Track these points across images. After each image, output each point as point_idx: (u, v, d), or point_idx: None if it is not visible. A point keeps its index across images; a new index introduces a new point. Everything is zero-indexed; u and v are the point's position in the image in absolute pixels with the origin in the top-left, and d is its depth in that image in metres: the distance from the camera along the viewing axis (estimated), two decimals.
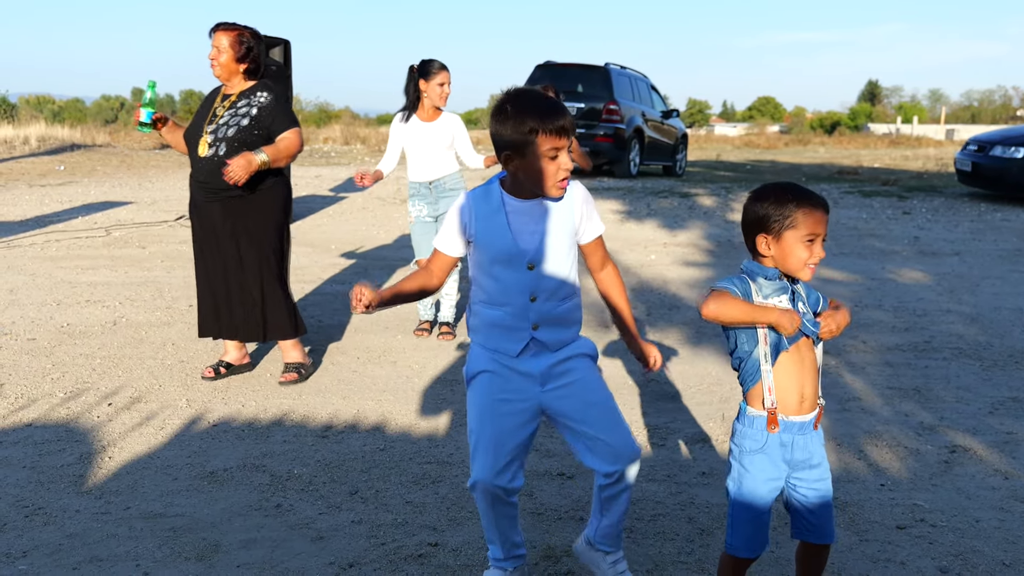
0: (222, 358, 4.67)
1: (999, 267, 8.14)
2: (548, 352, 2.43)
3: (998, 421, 4.07)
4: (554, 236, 2.39)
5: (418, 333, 5.53)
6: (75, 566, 2.71)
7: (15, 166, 16.02)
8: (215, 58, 4.29)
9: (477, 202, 2.41)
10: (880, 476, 3.46)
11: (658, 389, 4.53)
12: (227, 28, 4.29)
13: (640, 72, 17.82)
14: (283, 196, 4.49)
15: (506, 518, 2.50)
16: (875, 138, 41.24)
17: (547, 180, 2.30)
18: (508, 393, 2.42)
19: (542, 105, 2.28)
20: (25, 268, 7.30)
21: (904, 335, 5.61)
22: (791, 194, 2.19)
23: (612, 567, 2.60)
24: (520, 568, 2.61)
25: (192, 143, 4.37)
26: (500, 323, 2.41)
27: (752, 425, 2.24)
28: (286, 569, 2.71)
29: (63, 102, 75.08)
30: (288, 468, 3.47)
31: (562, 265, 2.40)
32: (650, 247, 9.12)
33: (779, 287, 2.21)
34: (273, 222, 4.44)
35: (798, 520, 2.30)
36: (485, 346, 2.46)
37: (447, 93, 5.37)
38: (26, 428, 3.85)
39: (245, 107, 4.31)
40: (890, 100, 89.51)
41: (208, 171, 4.29)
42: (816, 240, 2.17)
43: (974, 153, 13.58)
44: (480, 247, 2.41)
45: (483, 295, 2.44)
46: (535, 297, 2.38)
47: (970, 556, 2.83)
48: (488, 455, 2.40)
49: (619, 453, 2.46)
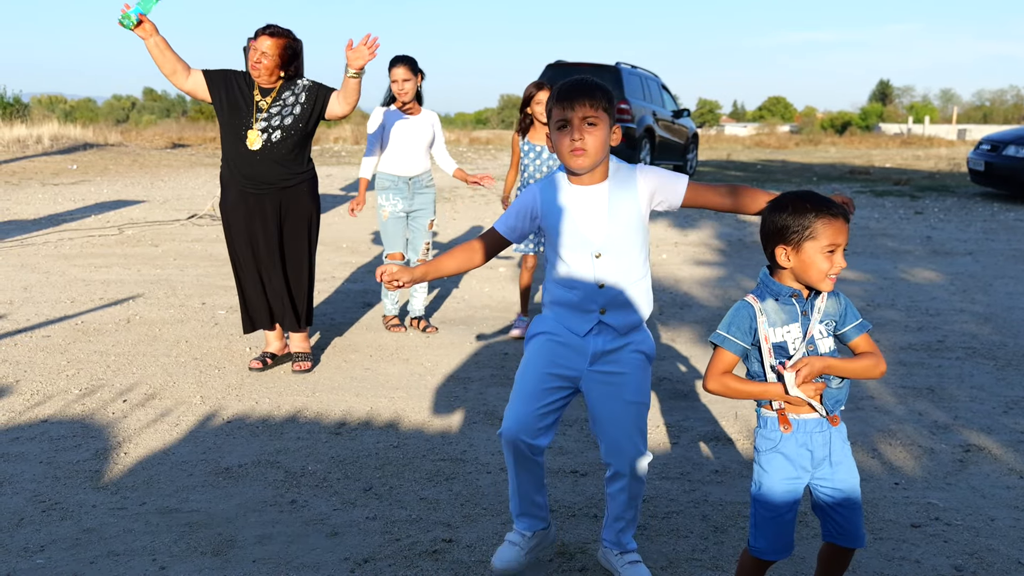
0: (265, 349, 4.79)
1: (1012, 267, 8.10)
2: (615, 333, 2.48)
3: (1012, 420, 4.06)
4: (621, 224, 2.43)
5: (394, 329, 5.53)
6: (92, 560, 2.73)
7: (28, 165, 16.11)
8: (259, 62, 4.34)
9: (545, 188, 2.48)
10: (894, 475, 3.45)
11: (671, 387, 4.52)
12: (275, 34, 4.35)
13: (651, 71, 17.79)
14: (316, 186, 4.69)
15: (529, 475, 2.57)
16: (886, 138, 41.05)
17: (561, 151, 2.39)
18: (557, 357, 2.50)
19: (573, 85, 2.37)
20: (39, 266, 7.34)
21: (917, 334, 5.60)
22: (810, 203, 2.13)
23: (619, 558, 2.65)
24: (540, 534, 2.66)
25: (237, 137, 4.40)
26: (570, 303, 2.49)
27: (766, 425, 2.24)
28: (301, 564, 2.73)
29: (75, 102, 75.38)
30: (302, 464, 3.49)
31: (629, 251, 2.44)
32: (661, 246, 9.11)
33: (788, 315, 2.17)
34: (316, 210, 4.64)
35: (827, 521, 2.28)
36: (557, 320, 2.53)
37: (406, 90, 5.26)
38: (42, 424, 3.87)
39: (291, 96, 4.44)
40: (901, 100, 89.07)
41: (259, 163, 4.39)
42: (837, 250, 2.12)
43: (987, 152, 13.53)
44: (549, 232, 2.50)
45: (555, 275, 2.53)
46: (603, 284, 2.44)
47: (985, 555, 2.82)
48: (520, 407, 2.49)
49: (622, 451, 2.51)
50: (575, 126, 2.33)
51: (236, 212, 4.50)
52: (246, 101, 4.42)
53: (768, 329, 2.18)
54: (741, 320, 2.20)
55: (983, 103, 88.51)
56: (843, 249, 2.15)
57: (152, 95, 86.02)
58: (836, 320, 2.22)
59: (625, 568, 2.62)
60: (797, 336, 2.17)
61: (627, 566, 2.62)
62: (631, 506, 2.60)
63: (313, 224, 4.64)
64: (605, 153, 2.40)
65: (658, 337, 5.52)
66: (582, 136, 2.33)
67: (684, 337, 5.53)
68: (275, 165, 4.42)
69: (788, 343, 2.17)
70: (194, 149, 21.76)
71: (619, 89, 15.87)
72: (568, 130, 2.35)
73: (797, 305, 2.18)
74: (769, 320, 2.18)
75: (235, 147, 4.42)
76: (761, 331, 2.18)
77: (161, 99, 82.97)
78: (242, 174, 4.44)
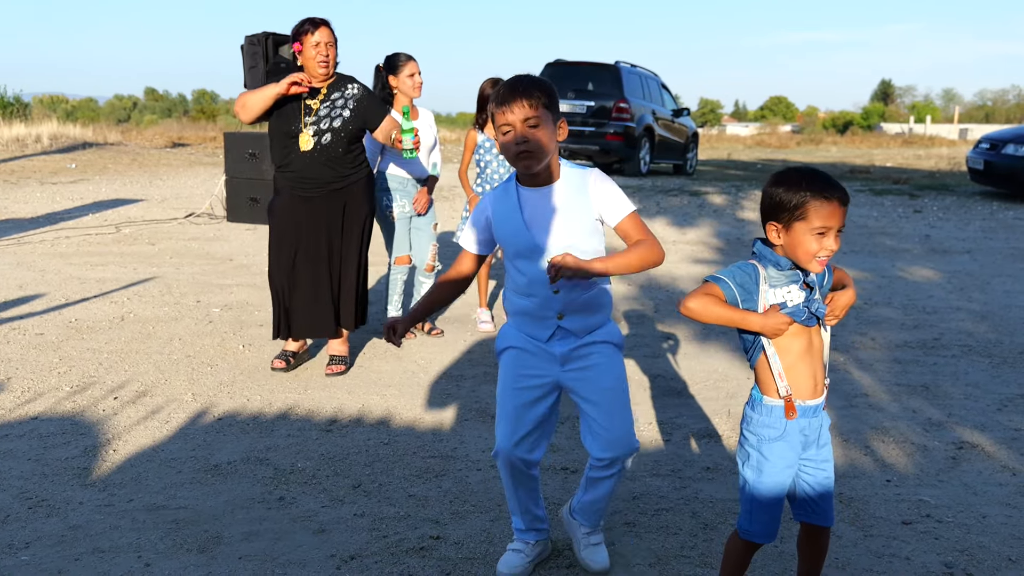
0: (285, 348, 4.73)
1: (1010, 265, 8.08)
2: (574, 337, 2.47)
3: (1007, 418, 4.04)
4: (572, 226, 2.40)
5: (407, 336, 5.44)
6: (77, 557, 2.71)
7: (27, 164, 16.11)
8: (328, 54, 4.30)
9: (496, 199, 2.47)
10: (886, 472, 3.43)
11: (664, 384, 4.51)
12: (330, 26, 4.33)
13: (651, 71, 17.77)
14: (372, 186, 4.67)
15: (526, 490, 2.60)
16: (888, 138, 41.04)
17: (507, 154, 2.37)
18: (529, 369, 2.50)
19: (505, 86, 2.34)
20: (35, 264, 7.33)
21: (913, 332, 5.58)
22: (806, 182, 2.08)
23: (585, 537, 2.68)
24: (542, 542, 2.69)
25: (288, 139, 4.35)
26: (528, 312, 2.48)
27: (770, 414, 2.18)
28: (287, 561, 2.71)
29: (76, 102, 75.47)
30: (292, 462, 3.47)
31: (583, 254, 2.37)
32: None
33: (790, 277, 2.15)
34: (369, 211, 4.61)
35: (802, 500, 2.27)
36: (519, 329, 2.53)
37: (420, 83, 5.19)
38: (32, 421, 3.86)
39: (340, 99, 4.40)
40: (903, 100, 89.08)
41: (313, 164, 4.35)
42: (828, 233, 2.06)
43: (986, 151, 13.50)
44: (502, 242, 2.49)
45: (513, 284, 2.53)
46: (558, 289, 2.41)
47: (976, 552, 2.80)
48: (508, 426, 2.51)
49: (614, 442, 2.50)
50: (518, 129, 2.30)
51: (281, 216, 4.44)
52: (296, 103, 4.35)
53: (769, 290, 2.15)
54: (743, 277, 2.15)
55: (985, 103, 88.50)
56: (837, 232, 2.09)
57: (154, 95, 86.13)
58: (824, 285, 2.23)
59: (588, 549, 2.66)
60: (798, 297, 2.14)
61: (590, 547, 2.66)
62: (613, 491, 2.61)
63: (367, 225, 4.58)
64: (552, 151, 2.36)
65: (654, 335, 5.51)
66: (526, 138, 2.30)
67: (680, 334, 5.51)
68: (326, 167, 4.36)
69: (787, 303, 2.14)
70: (193, 148, 21.75)
71: (618, 88, 15.87)
72: (512, 134, 2.31)
73: (800, 272, 2.15)
74: (771, 281, 2.15)
75: (285, 151, 4.37)
76: (761, 289, 2.14)
77: (162, 99, 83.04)
78: (296, 175, 4.37)
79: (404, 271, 5.34)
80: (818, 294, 2.18)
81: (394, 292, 5.36)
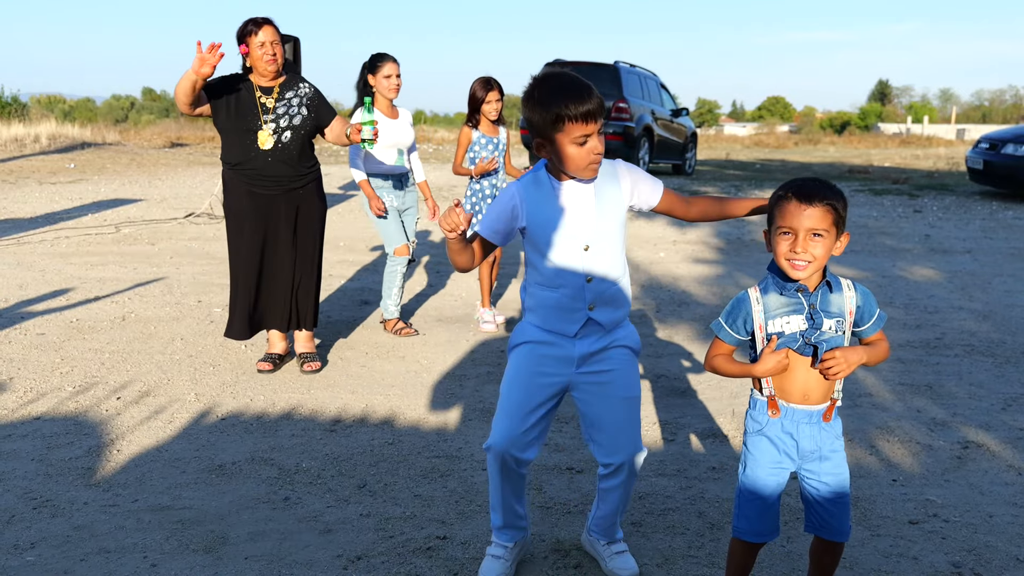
0: (270, 351, 4.73)
1: (1011, 264, 8.08)
2: (602, 331, 2.45)
3: (1011, 417, 4.04)
4: (606, 216, 2.40)
5: (404, 333, 5.44)
6: (83, 557, 2.70)
7: (26, 164, 16.08)
8: (274, 53, 4.30)
9: (527, 189, 2.43)
10: (892, 471, 3.43)
11: (668, 384, 4.50)
12: (273, 22, 4.33)
13: (650, 70, 17.77)
14: (322, 185, 4.69)
15: (512, 487, 2.57)
16: (886, 138, 41.03)
17: (578, 164, 2.31)
18: (544, 367, 2.47)
19: (569, 91, 2.25)
20: (35, 264, 7.32)
21: (916, 332, 5.58)
22: (783, 188, 2.14)
23: (607, 548, 2.66)
24: (521, 543, 2.67)
25: (246, 137, 4.33)
26: (557, 304, 2.43)
27: (755, 407, 2.26)
28: (293, 561, 2.70)
29: (74, 102, 75.32)
30: (296, 462, 3.46)
31: (614, 244, 2.42)
32: (660, 245, 9.09)
33: (791, 307, 2.15)
34: (324, 209, 4.64)
35: (811, 514, 2.28)
36: (541, 327, 2.48)
37: (397, 84, 5.24)
38: (35, 421, 3.85)
39: (295, 97, 4.42)
40: (900, 100, 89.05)
41: (273, 162, 4.36)
42: (798, 236, 2.07)
43: (986, 151, 13.51)
44: (534, 232, 2.42)
45: (539, 277, 2.46)
46: (591, 278, 2.40)
47: (983, 551, 2.80)
48: (509, 421, 2.48)
49: (620, 448, 2.50)
50: (597, 138, 2.29)
51: (237, 214, 4.44)
52: (251, 102, 4.35)
53: (764, 320, 2.17)
54: (737, 312, 2.22)
55: (982, 103, 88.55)
56: (813, 235, 2.07)
57: (151, 95, 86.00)
58: (845, 318, 2.17)
59: (613, 559, 2.63)
60: (798, 327, 2.14)
61: (614, 556, 2.63)
62: (624, 501, 2.60)
63: (322, 222, 4.62)
64: None
65: (656, 334, 5.50)
66: (601, 147, 2.31)
67: (682, 335, 5.51)
68: (285, 165, 4.38)
69: (784, 332, 2.15)
70: (192, 148, 21.73)
71: (617, 88, 15.85)
72: (592, 143, 2.29)
73: (804, 299, 2.15)
74: (767, 311, 2.17)
75: (243, 149, 4.35)
76: (756, 321, 2.18)
77: (160, 99, 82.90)
78: (256, 172, 4.37)
79: (403, 262, 5.37)
80: (830, 328, 2.15)
81: (393, 284, 5.40)
